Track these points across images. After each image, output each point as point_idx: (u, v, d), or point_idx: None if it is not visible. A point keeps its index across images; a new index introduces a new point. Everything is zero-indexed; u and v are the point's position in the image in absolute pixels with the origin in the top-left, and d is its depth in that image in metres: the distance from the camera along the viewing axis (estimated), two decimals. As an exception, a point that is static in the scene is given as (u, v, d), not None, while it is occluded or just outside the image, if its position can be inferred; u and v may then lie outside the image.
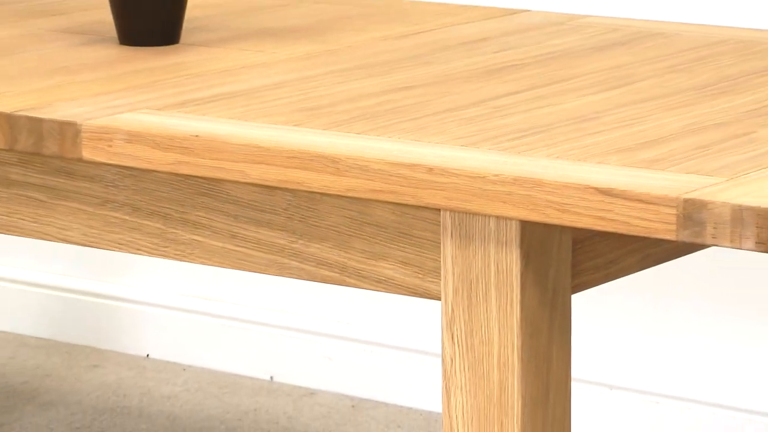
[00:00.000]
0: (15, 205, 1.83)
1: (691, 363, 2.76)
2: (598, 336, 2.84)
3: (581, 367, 2.83)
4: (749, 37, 2.12)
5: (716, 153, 1.61)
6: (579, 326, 2.83)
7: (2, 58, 2.01)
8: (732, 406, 2.73)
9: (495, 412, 1.62)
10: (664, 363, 2.79)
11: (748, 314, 2.72)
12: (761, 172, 1.55)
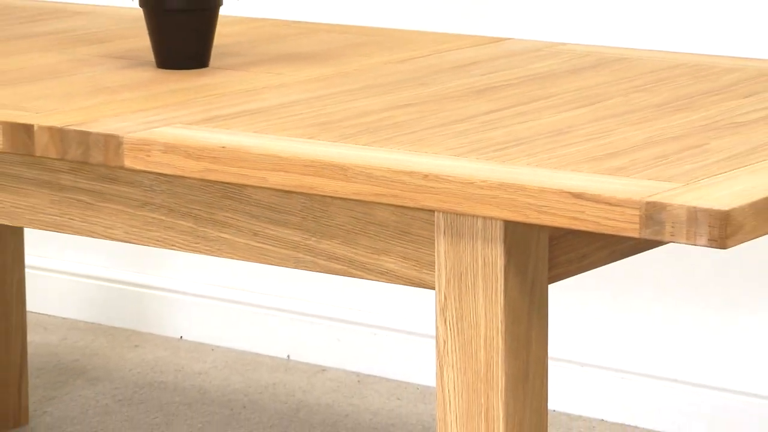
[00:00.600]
0: (66, 207, 1.83)
1: (650, 344, 2.76)
2: (571, 320, 2.83)
3: (556, 348, 2.83)
4: (701, 62, 2.11)
5: (674, 162, 1.61)
6: (555, 312, 2.83)
7: (54, 81, 2.01)
8: (689, 382, 2.73)
9: (482, 386, 1.62)
10: (627, 344, 2.78)
11: (700, 299, 2.72)
12: (713, 178, 1.55)
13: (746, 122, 1.78)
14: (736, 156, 1.63)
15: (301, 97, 1.90)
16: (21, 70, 2.07)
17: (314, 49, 2.19)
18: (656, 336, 2.76)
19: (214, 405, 2.86)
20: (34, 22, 2.41)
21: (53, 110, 1.83)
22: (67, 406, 2.86)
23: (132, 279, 3.25)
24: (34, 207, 1.85)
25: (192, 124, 1.76)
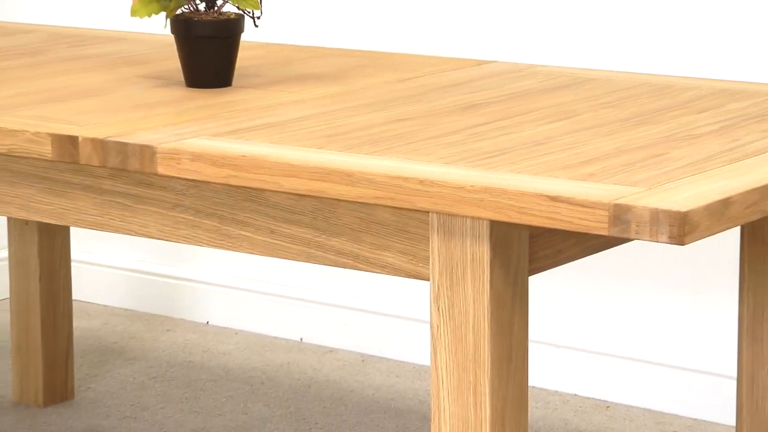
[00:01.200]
0: (107, 208, 1.83)
1: (617, 328, 2.76)
2: (549, 307, 2.83)
3: (536, 331, 2.83)
4: (661, 81, 2.11)
5: (638, 169, 1.61)
6: (534, 300, 2.83)
7: (97, 98, 2.01)
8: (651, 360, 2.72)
9: (470, 365, 1.62)
10: (597, 328, 2.78)
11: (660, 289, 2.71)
12: (672, 183, 1.55)
13: (701, 134, 1.78)
14: (692, 164, 1.63)
15: (312, 113, 1.90)
16: (68, 88, 2.07)
17: (323, 70, 2.19)
18: (621, 321, 2.76)
19: (236, 381, 2.86)
20: (80, 47, 2.41)
21: (96, 124, 1.83)
22: (108, 382, 2.86)
23: (164, 271, 3.25)
24: (79, 209, 1.85)
25: (217, 135, 1.76)
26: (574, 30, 2.73)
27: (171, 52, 2.34)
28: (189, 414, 2.71)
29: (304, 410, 2.72)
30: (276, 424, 2.66)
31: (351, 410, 2.72)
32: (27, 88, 2.07)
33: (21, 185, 1.88)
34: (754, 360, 2.09)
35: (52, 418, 2.68)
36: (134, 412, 2.71)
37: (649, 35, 2.66)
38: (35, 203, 1.88)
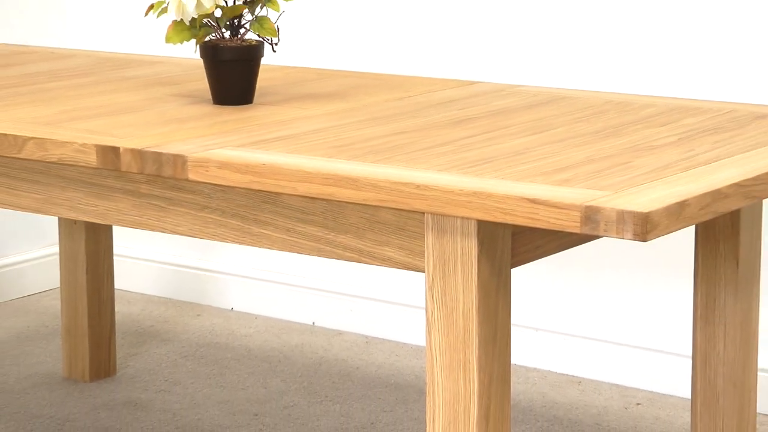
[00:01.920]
0: (144, 209, 1.82)
1: (588, 313, 2.76)
2: (529, 295, 2.83)
3: (517, 316, 2.82)
4: (625, 99, 2.11)
5: (606, 175, 1.60)
6: (516, 288, 2.83)
7: (135, 113, 2.01)
8: (622, 343, 2.72)
9: (461, 346, 1.61)
10: (571, 314, 2.78)
11: (625, 278, 2.71)
12: (636, 188, 1.55)
13: (660, 145, 1.78)
14: (653, 171, 1.63)
15: (322, 126, 1.89)
16: (111, 105, 2.07)
17: (331, 89, 2.19)
18: (592, 307, 2.76)
19: (257, 360, 2.86)
20: (122, 69, 2.41)
21: (135, 136, 1.83)
22: (145, 360, 2.86)
23: (194, 264, 3.25)
24: (120, 210, 1.85)
25: (240, 146, 1.76)
26: (551, 54, 2.73)
27: (200, 74, 2.34)
28: (216, 388, 2.71)
29: (315, 385, 2.72)
30: (291, 397, 2.66)
31: (357, 385, 2.72)
32: (75, 105, 2.07)
33: (70, 189, 1.88)
34: (706, 341, 2.09)
35: (97, 392, 2.68)
36: (168, 387, 2.71)
37: (614, 59, 2.66)
38: (82, 205, 1.88)
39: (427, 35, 2.85)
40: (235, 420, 2.55)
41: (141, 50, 3.16)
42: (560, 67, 2.72)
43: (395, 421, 2.54)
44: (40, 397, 2.66)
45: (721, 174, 1.63)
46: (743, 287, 2.07)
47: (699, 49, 2.58)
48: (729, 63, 2.55)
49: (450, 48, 2.83)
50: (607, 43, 2.66)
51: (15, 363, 2.84)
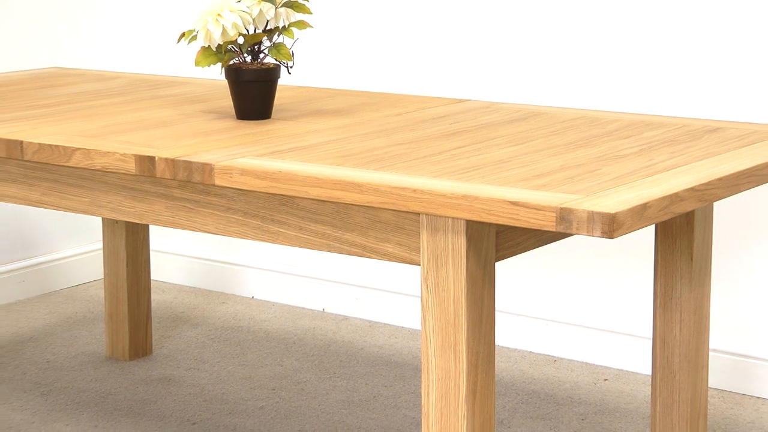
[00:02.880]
0: (176, 211, 1.82)
1: (564, 300, 2.76)
2: (511, 285, 2.83)
3: (501, 303, 2.83)
4: (594, 115, 2.11)
5: (578, 181, 1.60)
6: (500, 279, 2.83)
7: (168, 127, 2.01)
8: (591, 326, 2.72)
9: (451, 329, 1.61)
10: (548, 300, 2.78)
11: (596, 269, 2.71)
12: (604, 192, 1.55)
13: (625, 155, 1.77)
14: (618, 177, 1.63)
15: (331, 138, 1.89)
16: (147, 120, 2.07)
17: (339, 106, 2.19)
18: (566, 295, 2.76)
19: (274, 341, 2.86)
20: (156, 89, 2.41)
21: (168, 147, 1.83)
22: (177, 342, 2.86)
23: (219, 258, 3.25)
24: (155, 211, 1.85)
25: (259, 156, 1.76)
26: (530, 76, 2.73)
27: (224, 93, 2.34)
28: (238, 366, 2.71)
29: (325, 363, 2.72)
30: (304, 374, 2.66)
31: (361, 363, 2.72)
32: (116, 120, 2.07)
33: (112, 193, 1.88)
34: (664, 325, 2.09)
35: (135, 369, 2.69)
36: (197, 365, 2.71)
37: (584, 80, 2.66)
38: (122, 207, 1.88)
39: (422, 59, 2.85)
40: (255, 394, 2.56)
41: (173, 72, 3.17)
42: (538, 86, 2.72)
43: (395, 395, 2.55)
44: (86, 373, 2.66)
45: (677, 180, 1.63)
46: (696, 279, 2.07)
47: (658, 71, 2.58)
48: (684, 83, 2.55)
49: (442, 70, 2.83)
50: (578, 66, 2.67)
51: (64, 344, 2.84)
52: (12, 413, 2.46)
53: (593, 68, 2.65)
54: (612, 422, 2.41)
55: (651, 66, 2.58)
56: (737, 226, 2.54)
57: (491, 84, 2.77)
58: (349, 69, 2.95)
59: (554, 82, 2.70)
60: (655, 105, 2.58)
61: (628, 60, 2.61)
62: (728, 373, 2.56)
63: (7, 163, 1.98)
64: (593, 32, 2.63)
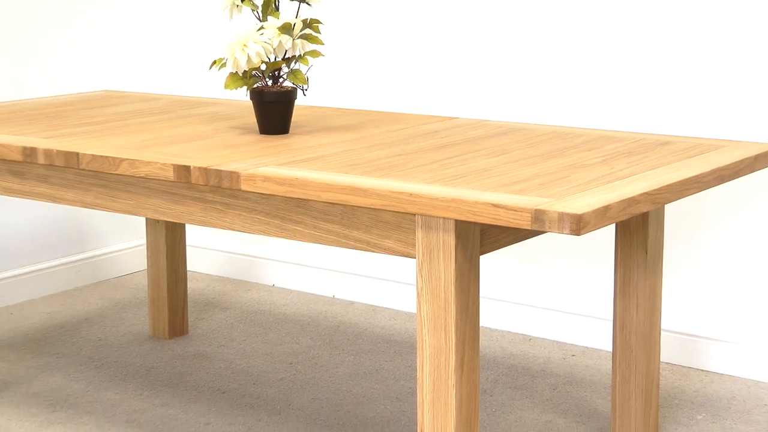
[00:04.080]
0: (208, 212, 1.83)
1: (538, 287, 2.76)
2: (493, 275, 2.83)
3: (484, 290, 2.82)
4: (563, 131, 2.11)
5: (550, 187, 1.61)
6: (484, 270, 2.83)
7: (202, 141, 2.01)
8: (561, 310, 2.72)
9: (442, 313, 1.61)
10: (524, 287, 2.78)
11: (569, 261, 2.71)
12: (572, 196, 1.55)
13: (590, 165, 1.78)
14: (584, 183, 1.63)
15: (340, 150, 1.90)
16: (183, 134, 2.07)
17: (347, 123, 2.19)
18: (539, 282, 2.76)
19: (291, 323, 2.86)
20: (192, 108, 2.42)
21: (201, 157, 1.83)
22: (209, 324, 2.86)
23: (245, 252, 3.25)
24: (191, 212, 1.85)
25: (279, 165, 1.76)
26: (509, 97, 2.73)
27: (249, 111, 2.34)
28: (261, 344, 2.71)
29: (335, 341, 2.72)
30: (318, 350, 2.66)
31: (366, 341, 2.72)
32: (157, 135, 2.08)
33: (153, 197, 1.88)
34: (623, 309, 2.09)
35: (174, 346, 2.69)
36: (226, 343, 2.71)
37: (554, 100, 2.66)
38: (162, 209, 1.88)
39: (418, 83, 2.85)
40: (275, 367, 2.56)
41: (206, 94, 3.17)
42: (517, 106, 2.72)
43: (394, 368, 2.55)
44: (132, 350, 2.67)
45: (634, 186, 1.63)
46: (650, 269, 2.07)
47: (618, 93, 2.58)
48: (639, 103, 2.55)
49: (435, 92, 2.83)
50: (551, 89, 2.67)
51: (114, 325, 2.84)
52: (70, 383, 2.46)
53: (564, 90, 2.65)
54: (578, 391, 2.41)
55: (612, 89, 2.58)
56: (685, 225, 2.54)
57: (477, 104, 2.77)
58: (355, 91, 2.95)
59: (530, 102, 2.70)
60: (616, 122, 2.58)
61: (592, 84, 2.61)
62: (677, 350, 2.56)
63: (65, 171, 1.98)
64: (564, 62, 2.64)
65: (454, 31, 2.77)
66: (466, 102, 2.79)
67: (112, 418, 2.29)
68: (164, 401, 2.36)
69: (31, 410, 2.32)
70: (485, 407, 2.33)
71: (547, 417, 2.27)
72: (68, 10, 3.07)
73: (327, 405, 2.34)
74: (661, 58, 2.52)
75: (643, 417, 2.12)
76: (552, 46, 2.65)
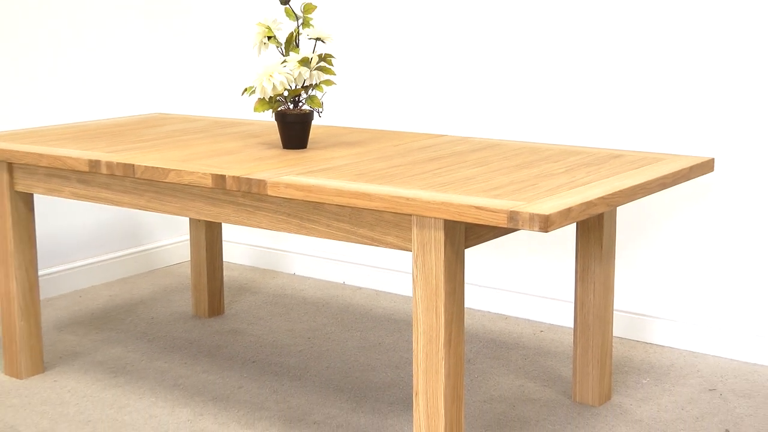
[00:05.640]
0: (240, 213, 1.82)
1: (513, 275, 2.76)
2: (476, 265, 2.83)
3: (468, 277, 2.82)
4: (533, 146, 2.10)
5: (522, 192, 1.60)
6: (468, 261, 2.82)
7: (234, 155, 2.01)
8: (533, 294, 2.72)
9: (433, 296, 1.61)
10: (502, 275, 2.78)
11: (539, 253, 2.71)
12: (540, 200, 1.54)
13: (555, 174, 1.77)
14: (550, 189, 1.63)
15: (349, 162, 1.89)
16: (220, 149, 2.07)
17: (355, 139, 2.19)
18: (515, 271, 2.75)
19: (309, 305, 2.86)
20: (227, 128, 2.41)
21: (235, 168, 1.83)
22: (241, 305, 2.86)
23: (271, 246, 3.25)
24: (226, 213, 1.85)
25: (299, 174, 1.76)
26: (488, 118, 2.73)
27: (274, 130, 2.34)
28: (284, 322, 2.71)
29: (345, 320, 2.72)
30: (331, 327, 2.66)
31: (371, 320, 2.72)
32: (198, 149, 2.08)
33: (195, 201, 1.88)
34: (583, 292, 2.09)
35: (212, 324, 2.69)
36: (255, 321, 2.71)
37: (525, 121, 2.66)
38: (203, 210, 1.88)
39: (413, 106, 2.85)
40: (296, 341, 2.55)
41: (238, 116, 3.17)
42: (495, 125, 2.72)
43: (394, 341, 2.54)
44: (178, 327, 2.66)
45: (591, 191, 1.63)
46: (605, 260, 2.07)
47: (577, 114, 2.58)
48: (596, 123, 2.55)
49: (427, 114, 2.83)
50: (522, 111, 2.67)
51: (163, 306, 2.84)
52: (128, 353, 2.46)
53: (534, 112, 2.65)
54: (545, 361, 2.41)
55: (573, 112, 2.58)
56: (634, 224, 2.54)
57: (462, 123, 2.77)
58: (362, 113, 2.95)
59: (506, 122, 2.70)
60: (577, 138, 2.58)
61: (558, 107, 2.61)
62: (626, 326, 2.56)
63: (123, 179, 1.98)
64: (534, 90, 2.64)
65: (444, 64, 2.77)
66: (453, 122, 2.79)
67: (161, 382, 2.29)
68: (204, 369, 2.36)
69: (96, 375, 2.32)
70: (469, 374, 2.33)
71: (519, 382, 2.27)
72: (127, 47, 3.08)
73: (338, 372, 2.34)
74: (614, 88, 2.52)
75: (598, 381, 2.12)
76: (525, 79, 2.65)
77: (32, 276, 2.25)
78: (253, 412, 2.13)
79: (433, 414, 1.63)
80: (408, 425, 2.04)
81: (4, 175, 2.17)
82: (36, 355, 2.30)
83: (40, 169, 2.11)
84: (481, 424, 2.05)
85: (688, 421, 2.05)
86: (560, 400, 2.16)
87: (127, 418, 2.09)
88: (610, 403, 2.13)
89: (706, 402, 2.14)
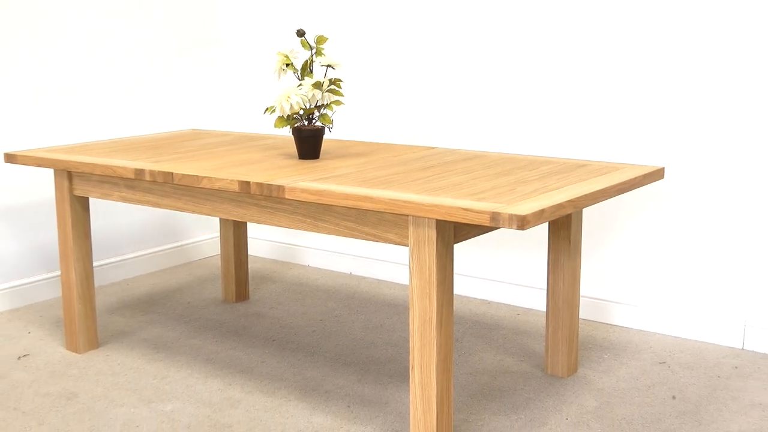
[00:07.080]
0: (263, 213, 1.82)
1: (495, 267, 2.75)
2: (464, 258, 2.82)
3: (457, 268, 2.81)
4: (511, 156, 2.10)
5: (502, 196, 1.60)
6: (457, 255, 2.81)
7: (258, 164, 2.00)
8: (513, 282, 2.71)
9: (427, 285, 1.61)
10: (486, 267, 2.77)
11: (519, 248, 2.70)
12: (518, 202, 1.54)
13: (530, 180, 1.77)
14: (526, 194, 1.62)
15: (355, 170, 1.89)
16: (245, 159, 2.06)
17: (360, 151, 2.18)
18: (497, 264, 2.75)
19: (321, 292, 2.85)
20: (252, 141, 2.41)
21: (258, 175, 1.82)
22: (263, 292, 2.85)
23: (289, 241, 3.24)
24: (251, 214, 1.84)
25: (312, 180, 1.76)
26: (473, 133, 2.72)
27: (291, 143, 2.33)
28: (300, 306, 2.70)
29: (352, 305, 2.71)
30: (340, 311, 2.66)
31: (374, 305, 2.71)
32: (227, 160, 2.07)
33: (225, 203, 1.88)
34: (554, 281, 2.08)
35: (239, 308, 2.68)
36: (275, 305, 2.71)
37: (505, 134, 2.65)
38: (231, 211, 1.87)
39: (410, 122, 2.84)
40: (310, 323, 2.55)
41: (261, 131, 3.16)
42: (479, 138, 2.71)
43: (393, 323, 2.54)
44: (210, 310, 2.66)
45: (561, 195, 1.62)
46: (573, 254, 2.07)
47: (549, 129, 2.57)
48: (564, 137, 2.55)
49: (421, 128, 2.82)
50: (502, 127, 2.66)
51: (198, 293, 2.84)
52: (167, 332, 2.46)
53: (512, 127, 2.64)
54: (522, 339, 2.40)
55: (545, 127, 2.58)
56: (597, 222, 2.53)
57: (450, 137, 2.77)
58: (366, 128, 2.95)
59: (489, 136, 2.69)
60: (548, 149, 2.58)
61: (532, 123, 2.60)
62: (590, 310, 2.56)
63: (164, 185, 1.98)
64: (511, 110, 2.63)
65: (435, 87, 2.77)
66: (443, 136, 2.78)
67: (196, 357, 2.28)
68: (232, 346, 2.36)
69: (141, 351, 2.32)
70: (457, 350, 2.32)
71: (500, 357, 2.27)
72: (168, 73, 3.07)
73: (346, 349, 2.33)
74: (580, 107, 2.52)
75: (567, 357, 2.11)
76: (505, 100, 2.65)
77: (88, 267, 2.27)
78: (273, 382, 2.12)
79: (426, 384, 1.63)
80: (405, 394, 2.04)
81: (65, 182, 2.17)
82: (91, 334, 2.31)
83: (94, 177, 2.12)
84: (467, 393, 2.04)
85: (641, 389, 2.05)
86: (534, 373, 2.16)
87: (168, 387, 2.09)
88: (576, 375, 2.13)
89: (657, 373, 2.14)
